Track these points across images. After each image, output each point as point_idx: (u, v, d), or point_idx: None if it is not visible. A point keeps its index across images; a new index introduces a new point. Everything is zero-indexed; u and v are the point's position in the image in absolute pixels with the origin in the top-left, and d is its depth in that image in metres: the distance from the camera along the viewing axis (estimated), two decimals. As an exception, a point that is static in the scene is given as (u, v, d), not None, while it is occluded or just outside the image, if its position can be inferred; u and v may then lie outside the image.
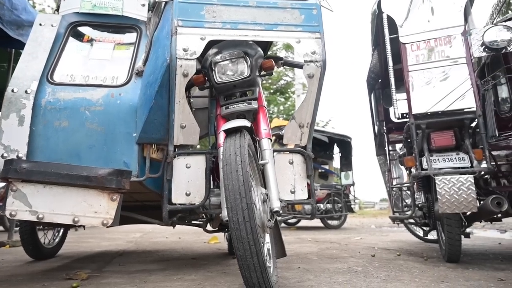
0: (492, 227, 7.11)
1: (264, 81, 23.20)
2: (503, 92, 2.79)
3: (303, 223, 8.20)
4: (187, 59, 1.92)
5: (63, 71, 2.22)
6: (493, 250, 3.55)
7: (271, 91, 23.16)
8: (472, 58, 2.82)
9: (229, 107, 1.99)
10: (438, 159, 2.65)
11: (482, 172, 2.67)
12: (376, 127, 4.46)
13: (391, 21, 2.88)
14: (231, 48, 1.97)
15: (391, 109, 4.17)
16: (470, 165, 2.51)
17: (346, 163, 7.71)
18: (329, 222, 7.35)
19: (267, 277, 1.41)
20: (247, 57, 1.95)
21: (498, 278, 2.11)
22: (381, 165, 4.49)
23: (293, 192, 2.22)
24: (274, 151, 2.29)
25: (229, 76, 1.96)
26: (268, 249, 1.91)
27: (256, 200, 1.66)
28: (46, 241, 3.10)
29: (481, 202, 2.60)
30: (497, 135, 2.97)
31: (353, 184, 7.67)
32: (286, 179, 2.22)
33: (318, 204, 7.10)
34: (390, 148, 4.42)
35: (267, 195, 1.72)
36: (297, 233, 6.24)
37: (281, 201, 2.17)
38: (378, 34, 3.32)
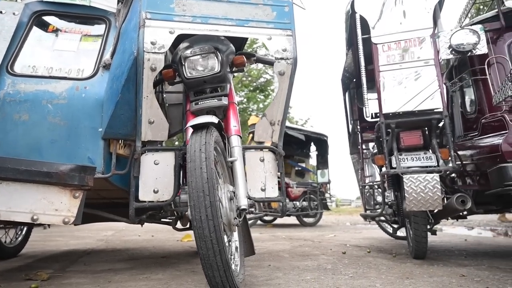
0: (461, 224, 7.38)
1: (244, 79, 23.13)
2: (469, 94, 2.88)
3: (280, 220, 8.25)
4: (155, 52, 1.86)
5: (24, 62, 2.12)
6: (459, 247, 3.68)
7: (251, 88, 23.14)
8: (440, 60, 2.89)
9: (199, 103, 1.96)
10: (407, 158, 2.70)
11: (448, 171, 2.74)
12: (350, 126, 4.52)
13: (364, 21, 2.92)
14: (202, 43, 1.93)
15: (365, 109, 4.24)
16: (436, 164, 2.57)
17: (323, 161, 7.80)
18: (305, 219, 7.42)
19: (230, 276, 1.39)
20: (218, 53, 1.92)
21: (460, 274, 2.18)
22: (355, 163, 4.56)
23: (263, 190, 2.21)
24: (245, 148, 2.28)
25: (199, 71, 1.92)
26: (236, 247, 1.90)
27: (223, 198, 1.64)
28: (7, 240, 2.96)
29: (447, 200, 2.67)
30: (463, 135, 3.07)
31: (329, 182, 7.77)
32: (257, 176, 2.21)
33: (294, 202, 7.16)
34: (364, 147, 4.49)
35: (234, 192, 1.70)
36: (273, 230, 6.26)
37: (251, 198, 2.17)
38: (352, 34, 3.35)
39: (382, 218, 3.66)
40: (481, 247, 3.68)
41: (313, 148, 8.24)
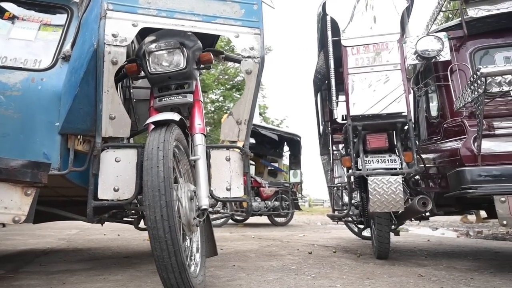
0: (426, 224, 7.63)
1: (221, 77, 22.93)
2: (433, 99, 2.96)
3: (252, 219, 8.24)
4: (116, 45, 1.79)
5: (-25, 50, 1.99)
6: (421, 247, 3.79)
7: (228, 86, 23.07)
8: (408, 65, 2.96)
9: (163, 99, 1.91)
10: (373, 160, 2.75)
11: (411, 174, 2.80)
12: (321, 127, 4.56)
13: (335, 23, 2.94)
14: (168, 38, 1.88)
15: (336, 110, 4.29)
16: (400, 167, 2.63)
17: (295, 161, 7.86)
18: (276, 219, 7.45)
19: (186, 278, 1.36)
20: (184, 48, 1.87)
21: (418, 274, 2.23)
22: (324, 164, 4.61)
23: (229, 189, 2.17)
24: (211, 147, 2.24)
25: (164, 67, 1.87)
26: (198, 248, 1.86)
27: (183, 197, 1.60)
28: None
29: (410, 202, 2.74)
30: (428, 139, 3.16)
31: (301, 182, 7.84)
32: (222, 176, 2.17)
33: (266, 202, 7.17)
34: (334, 148, 4.54)
35: (195, 192, 1.66)
36: (244, 230, 6.25)
37: (216, 198, 2.14)
38: (323, 35, 3.37)
39: (349, 218, 3.72)
40: (442, 247, 3.81)
41: (286, 148, 8.29)
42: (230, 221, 7.42)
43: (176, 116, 1.65)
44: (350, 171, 2.98)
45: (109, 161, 1.92)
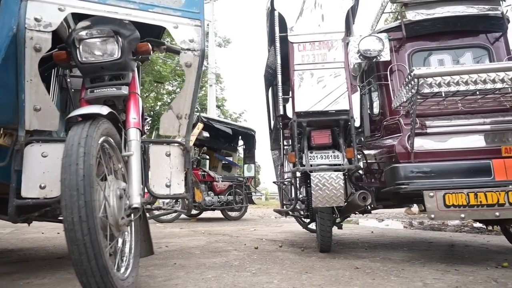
0: (373, 216, 8.00)
1: (178, 68, 22.31)
2: (375, 97, 3.07)
3: (205, 214, 8.17)
4: (39, 31, 1.64)
5: None
6: (364, 239, 3.95)
7: (184, 78, 22.56)
8: (354, 64, 3.03)
9: (94, 91, 1.79)
10: (317, 156, 2.80)
11: (352, 170, 2.89)
12: (272, 122, 4.58)
13: (283, 19, 2.94)
14: (101, 25, 1.76)
15: (288, 105, 4.33)
16: (342, 163, 2.70)
17: (250, 155, 7.87)
18: (230, 213, 7.43)
19: (110, 282, 1.28)
20: (119, 37, 1.76)
21: (355, 267, 2.32)
22: (275, 159, 4.64)
23: (168, 186, 2.10)
24: (151, 142, 2.15)
25: (96, 56, 1.75)
26: (131, 248, 1.78)
27: (111, 196, 1.51)
28: None
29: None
30: (370, 136, 3.28)
31: (255, 177, 7.88)
32: (162, 172, 2.10)
33: (219, 196, 7.12)
34: (285, 143, 4.59)
35: (124, 190, 1.58)
36: (195, 225, 6.16)
37: (154, 195, 2.06)
38: (272, 30, 3.37)
39: (296, 213, 3.78)
40: (383, 239, 4.00)
41: (241, 142, 8.27)
42: (183, 216, 7.28)
43: (104, 110, 1.55)
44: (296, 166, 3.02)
45: (34, 156, 1.77)
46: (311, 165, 2.78)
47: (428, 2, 2.75)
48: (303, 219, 3.69)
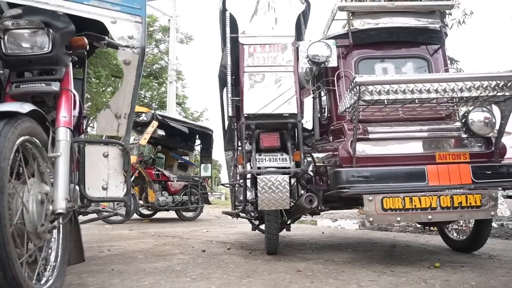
0: (328, 216, 8.22)
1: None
2: (324, 102, 3.13)
3: (160, 214, 7.96)
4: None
5: None
6: (314, 240, 4.03)
7: (144, 74, 21.90)
8: (306, 68, 3.07)
9: (20, 85, 1.66)
10: (265, 159, 2.80)
11: (300, 173, 2.92)
12: (226, 123, 4.54)
13: (234, 20, 2.91)
14: (31, 16, 1.64)
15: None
16: (289, 166, 2.72)
17: (207, 155, 7.78)
18: (185, 214, 7.30)
19: (22, 295, 1.18)
20: (50, 30, 1.64)
21: (297, 270, 2.34)
22: (228, 160, 4.61)
23: (105, 189, 2.01)
24: (87, 142, 2.04)
25: (23, 48, 1.63)
26: (57, 255, 1.66)
27: (30, 201, 1.40)
28: None
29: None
30: (320, 139, 3.34)
31: (211, 176, 7.79)
32: (98, 173, 2.00)
33: (174, 196, 6.96)
34: (240, 144, 4.57)
35: (47, 194, 1.47)
36: (147, 226, 5.98)
37: (89, 198, 1.96)
38: (224, 31, 3.33)
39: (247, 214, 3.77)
40: (332, 239, 4.10)
41: (198, 141, 8.15)
42: (136, 216, 7.05)
43: (25, 107, 1.43)
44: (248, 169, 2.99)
45: None
46: (259, 168, 2.78)
47: (374, 12, 2.85)
48: (253, 221, 3.69)
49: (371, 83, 2.16)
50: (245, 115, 2.73)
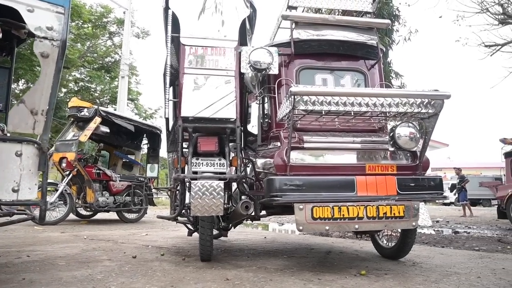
0: (275, 220, 8.29)
1: (89, 54, 20.43)
2: (266, 108, 3.13)
3: (100, 215, 7.53)
4: None
5: None
6: (255, 245, 4.02)
7: (96, 66, 20.82)
8: (252, 73, 3.05)
9: None
10: (203, 163, 2.74)
11: (236, 178, 2.89)
12: (170, 123, 4.40)
13: (177, 19, 2.82)
14: None
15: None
16: (226, 171, 2.68)
17: (154, 155, 7.51)
18: (127, 215, 6.98)
19: None
20: None
21: (226, 278, 2.30)
22: (171, 162, 4.47)
23: (16, 191, 1.83)
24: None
25: None
26: None
27: None
28: None
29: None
30: (261, 145, 3.34)
31: (157, 177, 7.55)
32: (9, 174, 1.82)
33: (115, 196, 6.64)
34: (185, 145, 4.44)
35: None
36: (83, 228, 5.62)
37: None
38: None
39: (184, 219, 3.67)
40: (271, 245, 4.12)
41: (146, 141, 7.85)
42: (72, 217, 6.61)
43: None
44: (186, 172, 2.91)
45: None
46: (195, 172, 2.71)
47: (317, 24, 2.90)
48: (188, 226, 3.60)
49: (306, 93, 2.19)
50: (182, 117, 2.65)
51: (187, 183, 3.05)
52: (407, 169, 2.60)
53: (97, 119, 6.07)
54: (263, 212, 3.21)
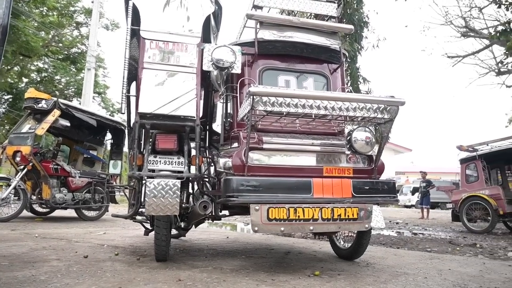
0: (242, 219, 8.26)
1: (54, 44, 19.50)
2: (229, 107, 3.10)
3: (58, 212, 7.20)
4: None
5: None
6: (215, 245, 3.97)
7: (61, 57, 19.94)
8: (218, 71, 3.00)
9: None
10: (161, 161, 2.68)
11: (196, 177, 2.85)
12: (132, 120, 4.27)
13: (138, 12, 2.73)
14: None
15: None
16: (184, 170, 2.63)
17: (117, 151, 7.26)
18: (87, 213, 6.72)
19: None
20: None
21: (178, 279, 2.25)
22: (130, 159, 4.34)
23: None
24: None
25: None
26: None
27: None
28: None
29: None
30: (223, 144, 3.30)
31: (120, 174, 7.32)
32: None
33: (74, 193, 6.37)
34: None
35: None
36: (36, 226, 5.35)
37: None
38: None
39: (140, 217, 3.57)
40: (233, 245, 4.10)
41: (110, 136, 7.58)
42: (26, 213, 6.27)
43: None
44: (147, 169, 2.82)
45: None
46: (153, 170, 2.64)
47: (281, 25, 2.91)
48: (146, 224, 3.50)
49: (265, 94, 2.18)
50: (140, 113, 2.58)
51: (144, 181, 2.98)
52: (363, 172, 2.66)
53: (56, 112, 5.80)
54: (226, 212, 3.19)
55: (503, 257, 3.79)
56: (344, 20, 7.46)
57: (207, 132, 3.86)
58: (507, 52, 7.35)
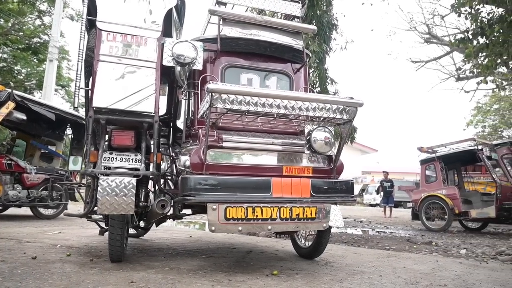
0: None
1: (13, 32, 18.48)
2: (190, 104, 3.03)
3: (11, 211, 6.80)
4: None
5: None
6: (176, 245, 3.89)
7: (21, 46, 18.87)
8: (179, 69, 2.92)
9: None
10: (117, 158, 2.57)
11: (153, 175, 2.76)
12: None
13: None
14: None
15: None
16: (141, 168, 2.54)
17: (78, 147, 6.94)
18: (43, 211, 6.39)
19: None
20: None
21: (130, 281, 2.17)
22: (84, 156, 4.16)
23: None
24: None
25: None
26: None
27: None
28: None
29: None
30: (185, 141, 3.23)
31: (80, 171, 7.01)
32: None
33: (29, 190, 6.04)
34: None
35: None
36: (-13, 224, 5.03)
37: None
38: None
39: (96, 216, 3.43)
40: (194, 244, 4.03)
41: (70, 131, 7.25)
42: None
43: None
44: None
45: None
46: (109, 168, 2.54)
47: (245, 23, 2.88)
48: (101, 223, 3.36)
49: (223, 91, 2.14)
50: (94, 108, 2.46)
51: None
52: (322, 172, 2.68)
53: (10, 104, 5.45)
54: (189, 211, 3.12)
55: (455, 255, 3.97)
56: (314, 22, 7.55)
57: (171, 129, 3.77)
58: (465, 59, 7.70)
